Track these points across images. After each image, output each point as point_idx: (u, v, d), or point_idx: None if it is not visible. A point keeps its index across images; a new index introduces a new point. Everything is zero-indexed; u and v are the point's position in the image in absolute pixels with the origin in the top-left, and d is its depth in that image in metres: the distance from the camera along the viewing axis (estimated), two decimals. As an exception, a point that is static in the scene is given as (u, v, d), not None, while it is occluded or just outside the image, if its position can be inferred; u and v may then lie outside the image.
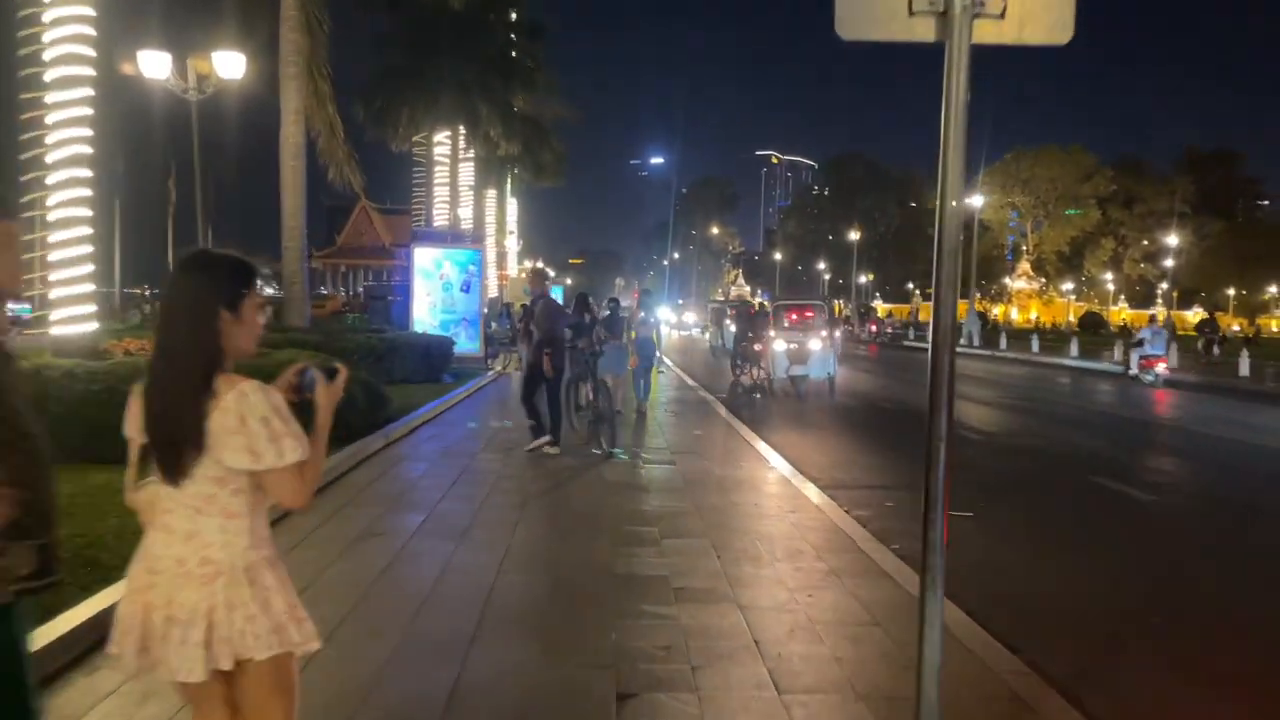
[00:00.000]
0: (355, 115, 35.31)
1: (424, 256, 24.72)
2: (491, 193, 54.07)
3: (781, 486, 9.71)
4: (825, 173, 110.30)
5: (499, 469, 10.46)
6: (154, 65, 16.47)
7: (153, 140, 31.61)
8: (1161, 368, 25.99)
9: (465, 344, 24.42)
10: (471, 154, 45.27)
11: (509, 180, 53.92)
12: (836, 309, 73.58)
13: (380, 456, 10.91)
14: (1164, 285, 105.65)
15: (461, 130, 37.66)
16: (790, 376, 21.19)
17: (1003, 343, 46.55)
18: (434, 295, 24.71)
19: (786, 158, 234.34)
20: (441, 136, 37.31)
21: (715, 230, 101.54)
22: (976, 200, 74.38)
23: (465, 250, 24.80)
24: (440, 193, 38.14)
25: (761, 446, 12.35)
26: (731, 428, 14.47)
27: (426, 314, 24.61)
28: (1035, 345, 42.47)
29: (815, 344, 21.19)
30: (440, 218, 37.80)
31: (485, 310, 25.42)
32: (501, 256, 63.18)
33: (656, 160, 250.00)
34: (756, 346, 21.87)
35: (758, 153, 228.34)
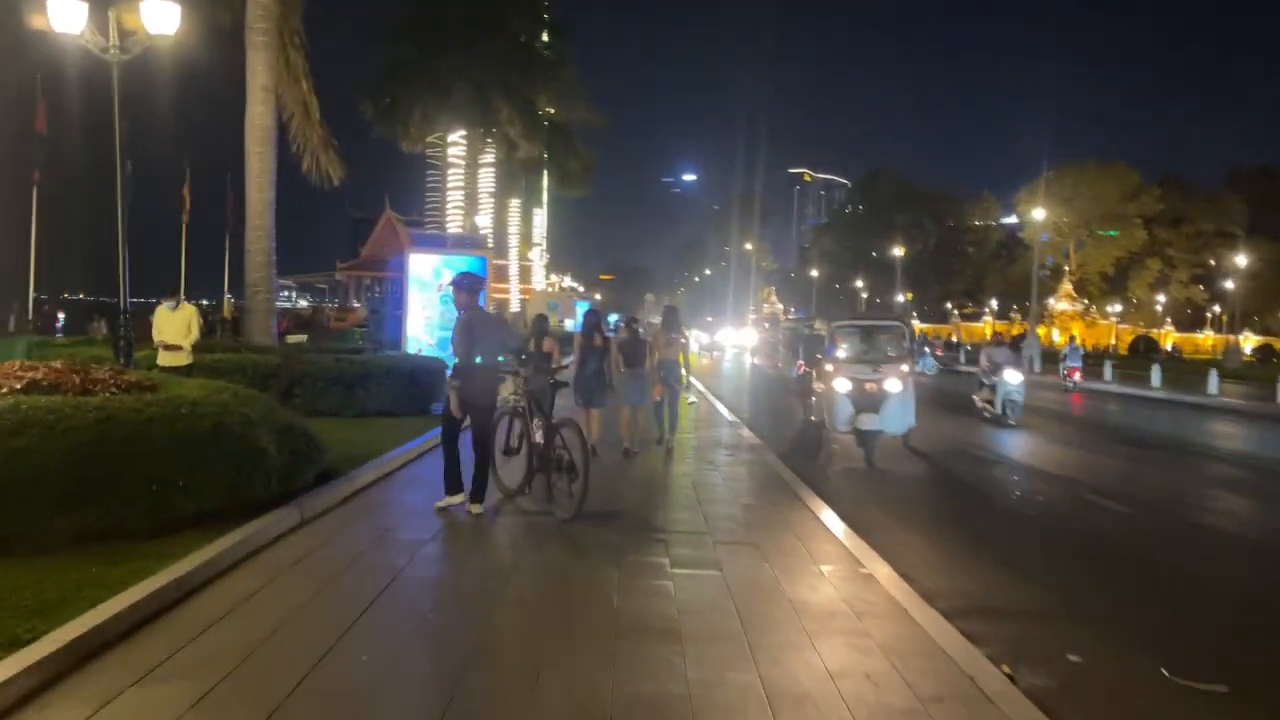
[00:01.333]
0: (362, 114, 31.84)
1: (420, 264, 21.00)
2: (515, 202, 50.59)
3: (897, 624, 5.82)
4: (859, 189, 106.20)
5: (445, 579, 6.67)
6: (66, 18, 12.89)
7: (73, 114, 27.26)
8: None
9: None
10: (492, 158, 41.83)
11: (533, 189, 50.54)
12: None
13: (269, 555, 7.06)
14: (1215, 308, 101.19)
15: (481, 133, 34.07)
16: (856, 430, 14.41)
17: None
18: (431, 309, 21.00)
19: (820, 175, 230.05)
20: (456, 136, 33.78)
21: (749, 246, 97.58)
22: (1037, 214, 69.49)
23: (469, 256, 21.06)
24: (454, 198, 34.60)
25: (848, 535, 8.40)
26: (799, 500, 10.23)
27: (422, 331, 20.91)
28: (1108, 372, 37.82)
29: (893, 383, 14.43)
30: (455, 225, 34.18)
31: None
32: (526, 270, 59.56)
33: (688, 177, 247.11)
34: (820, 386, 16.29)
35: (790, 170, 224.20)
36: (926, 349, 46.43)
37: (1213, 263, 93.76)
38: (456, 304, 9.04)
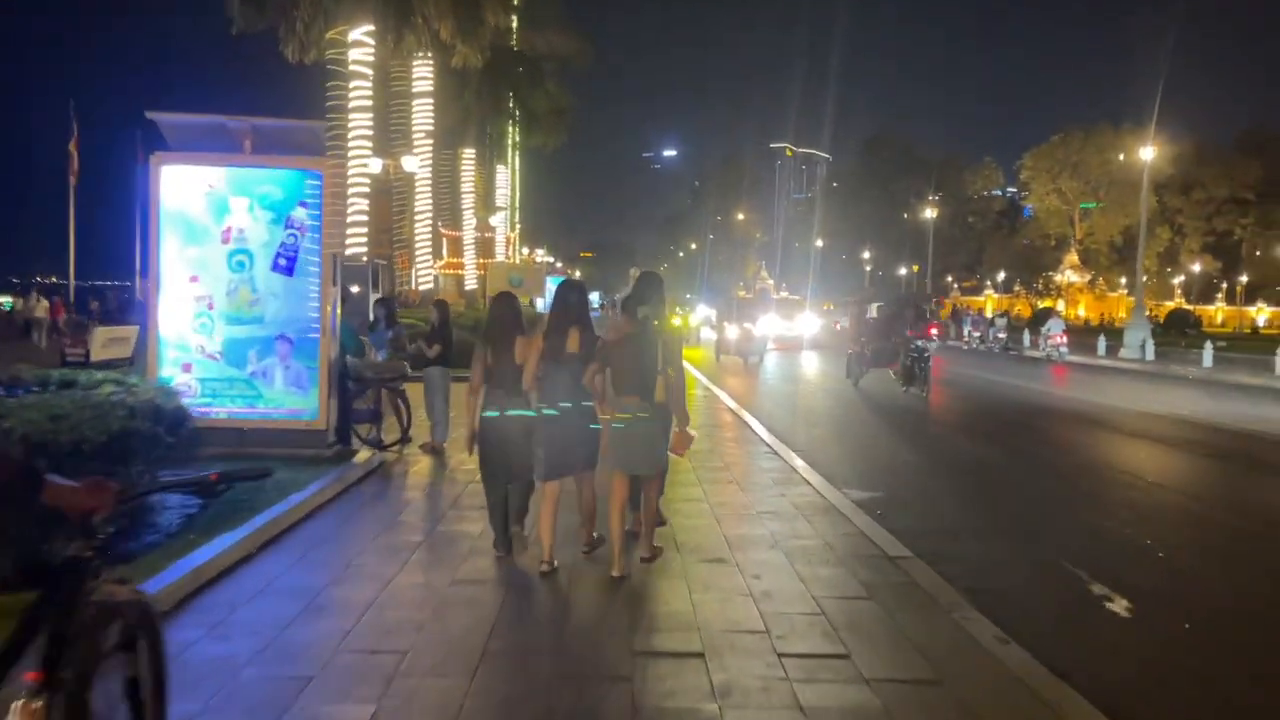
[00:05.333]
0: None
1: (180, 185, 9.67)
2: (469, 152, 39.03)
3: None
4: (859, 155, 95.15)
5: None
6: None
7: None
8: None
9: (281, 397, 9.54)
10: (427, 83, 30.20)
11: (493, 136, 38.67)
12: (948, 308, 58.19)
13: None
14: (1227, 282, 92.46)
15: (395, 27, 22.51)
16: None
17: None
18: (211, 280, 9.65)
19: (801, 150, 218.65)
20: (360, 34, 22.05)
21: (741, 216, 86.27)
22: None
23: (286, 173, 9.79)
24: (360, 123, 22.90)
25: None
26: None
27: (189, 324, 9.60)
28: (1209, 357, 29.16)
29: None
30: (359, 167, 22.53)
31: (341, 313, 10.36)
32: (488, 242, 47.84)
33: (669, 152, 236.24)
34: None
35: (772, 145, 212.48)
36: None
37: (1227, 230, 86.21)
38: None
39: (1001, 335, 40.84)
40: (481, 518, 7.43)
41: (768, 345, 30.74)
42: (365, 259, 21.34)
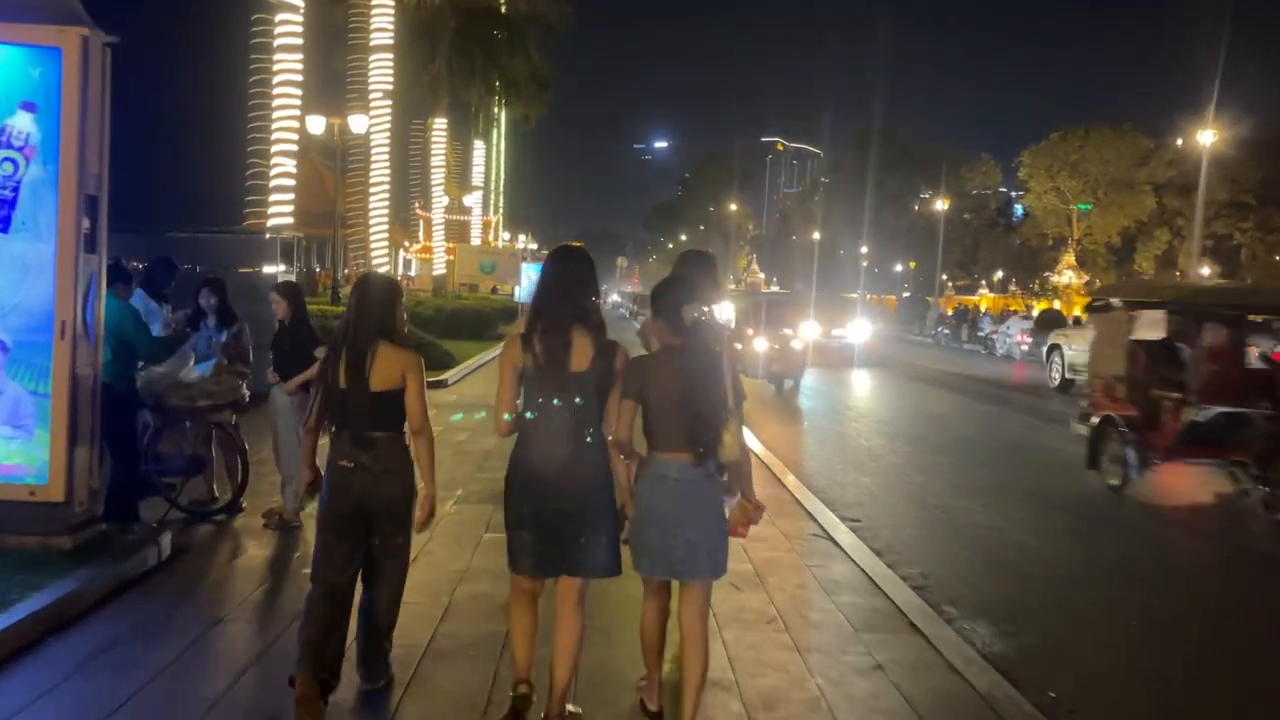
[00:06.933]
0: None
1: None
2: (441, 125, 34.56)
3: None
4: (850, 149, 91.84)
5: None
6: None
7: None
8: None
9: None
10: (387, 31, 25.95)
11: (465, 101, 34.31)
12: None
13: None
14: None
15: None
16: None
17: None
18: None
19: (792, 144, 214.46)
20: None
21: (734, 207, 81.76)
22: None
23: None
24: (287, 65, 18.50)
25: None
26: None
27: None
28: None
29: None
30: (286, 124, 18.20)
31: (89, 293, 5.97)
32: (462, 226, 43.23)
33: (660, 144, 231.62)
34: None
35: (763, 139, 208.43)
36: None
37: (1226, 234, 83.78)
38: None
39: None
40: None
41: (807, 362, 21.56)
42: (283, 232, 16.92)
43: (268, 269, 14.86)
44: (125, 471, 6.43)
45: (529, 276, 44.34)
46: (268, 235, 16.27)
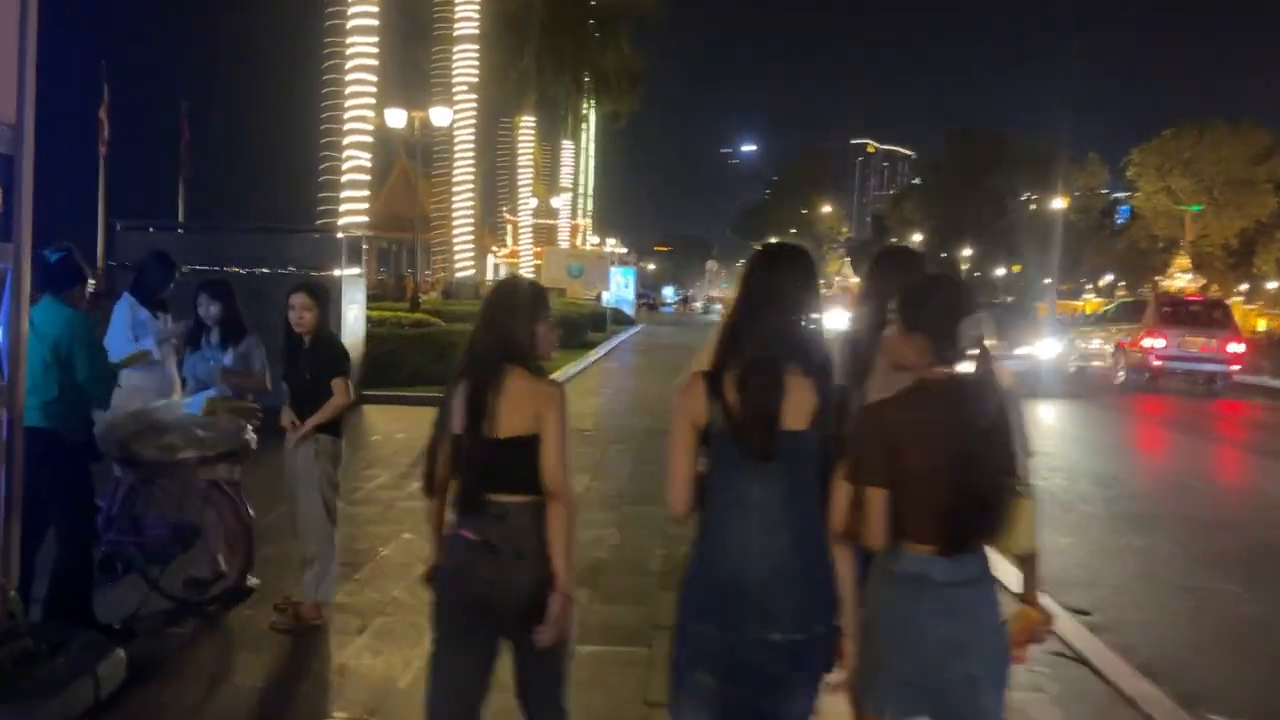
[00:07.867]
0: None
1: None
2: (529, 123, 32.87)
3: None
4: (947, 148, 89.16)
5: None
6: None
7: None
8: None
9: None
10: (473, 21, 24.43)
11: (556, 97, 32.72)
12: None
13: None
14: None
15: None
16: None
17: None
18: None
19: (884, 147, 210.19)
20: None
21: (828, 208, 79.06)
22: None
23: None
24: (361, 48, 16.95)
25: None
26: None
27: None
28: None
29: None
30: (357, 122, 16.64)
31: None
32: (549, 230, 41.39)
33: (748, 148, 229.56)
34: None
35: (853, 142, 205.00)
36: None
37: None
38: None
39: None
40: None
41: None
42: (354, 231, 15.16)
43: (335, 271, 13.05)
44: (72, 554, 4.48)
45: (618, 281, 42.75)
46: (339, 235, 14.52)
